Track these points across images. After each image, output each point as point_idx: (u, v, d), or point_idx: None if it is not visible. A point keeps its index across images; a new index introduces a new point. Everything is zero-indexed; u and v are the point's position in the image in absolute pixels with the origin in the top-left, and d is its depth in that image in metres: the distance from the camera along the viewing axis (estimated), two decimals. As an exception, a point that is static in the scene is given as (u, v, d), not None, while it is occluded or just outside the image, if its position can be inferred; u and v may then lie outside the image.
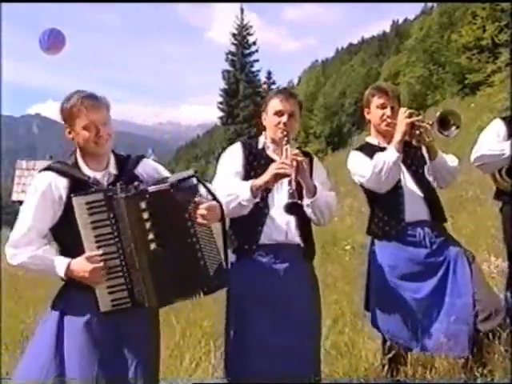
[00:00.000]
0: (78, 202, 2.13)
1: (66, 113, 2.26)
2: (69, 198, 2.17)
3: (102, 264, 2.13)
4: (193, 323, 4.28)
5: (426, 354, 2.97)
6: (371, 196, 3.05)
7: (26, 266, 2.23)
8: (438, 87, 35.57)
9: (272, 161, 2.70)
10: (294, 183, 2.45)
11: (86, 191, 2.18)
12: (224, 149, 2.96)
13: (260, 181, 2.55)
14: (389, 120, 2.94)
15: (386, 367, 2.83)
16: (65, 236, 2.23)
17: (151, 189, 2.21)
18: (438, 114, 2.81)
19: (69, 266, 2.16)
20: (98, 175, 2.31)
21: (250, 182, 2.56)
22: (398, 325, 2.88)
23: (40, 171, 2.30)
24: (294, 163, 2.48)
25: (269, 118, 2.76)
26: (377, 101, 2.99)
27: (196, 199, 2.25)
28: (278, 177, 2.52)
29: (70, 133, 2.29)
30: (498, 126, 3.11)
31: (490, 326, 2.70)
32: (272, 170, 2.53)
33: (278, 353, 2.55)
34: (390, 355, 2.84)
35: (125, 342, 2.24)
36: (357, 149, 3.10)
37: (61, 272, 2.18)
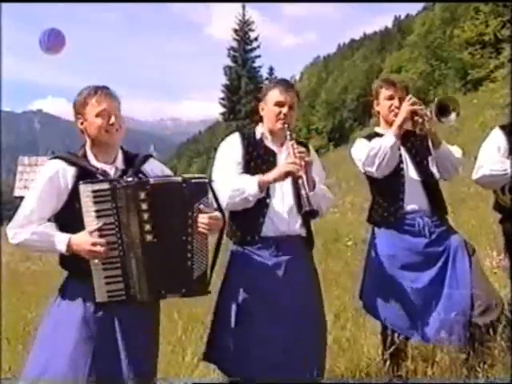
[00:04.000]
0: (84, 190, 2.15)
1: (78, 104, 2.29)
2: (75, 187, 2.19)
3: (103, 240, 2.13)
4: (195, 319, 4.29)
5: (427, 349, 3.00)
6: (373, 182, 3.09)
7: (28, 244, 2.24)
8: (440, 83, 35.47)
9: (270, 151, 2.73)
10: (306, 184, 2.45)
11: (93, 180, 2.20)
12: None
13: (268, 177, 2.56)
14: (397, 110, 2.99)
15: (388, 362, 2.84)
16: (68, 225, 2.23)
17: (152, 180, 2.23)
18: (436, 100, 2.84)
19: (70, 240, 2.18)
20: (106, 168, 2.32)
21: (257, 178, 2.56)
22: (395, 313, 2.91)
23: (50, 159, 2.33)
24: (303, 162, 2.49)
25: (268, 109, 2.75)
26: (385, 92, 3.05)
27: (202, 204, 2.25)
28: (287, 175, 2.54)
29: (82, 123, 2.31)
30: (498, 139, 3.04)
31: (487, 320, 2.72)
32: (282, 168, 2.54)
33: (279, 345, 2.54)
34: (391, 350, 2.85)
35: (121, 337, 2.23)
36: (364, 137, 3.15)
37: (62, 246, 2.18)
